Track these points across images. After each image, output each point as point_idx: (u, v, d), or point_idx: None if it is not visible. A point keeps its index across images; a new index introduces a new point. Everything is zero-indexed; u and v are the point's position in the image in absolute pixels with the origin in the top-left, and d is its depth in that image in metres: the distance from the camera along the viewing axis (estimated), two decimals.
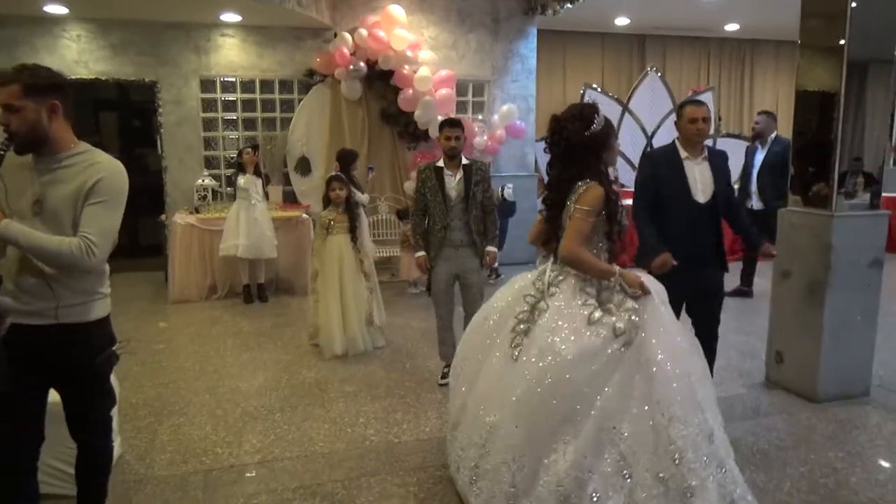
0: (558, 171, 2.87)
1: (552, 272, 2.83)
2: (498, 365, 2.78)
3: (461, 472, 2.89)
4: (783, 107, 12.19)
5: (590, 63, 11.37)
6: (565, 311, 2.67)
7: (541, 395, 2.55)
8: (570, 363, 2.53)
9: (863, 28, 4.04)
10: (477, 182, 4.34)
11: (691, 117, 3.56)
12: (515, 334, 2.74)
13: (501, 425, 2.64)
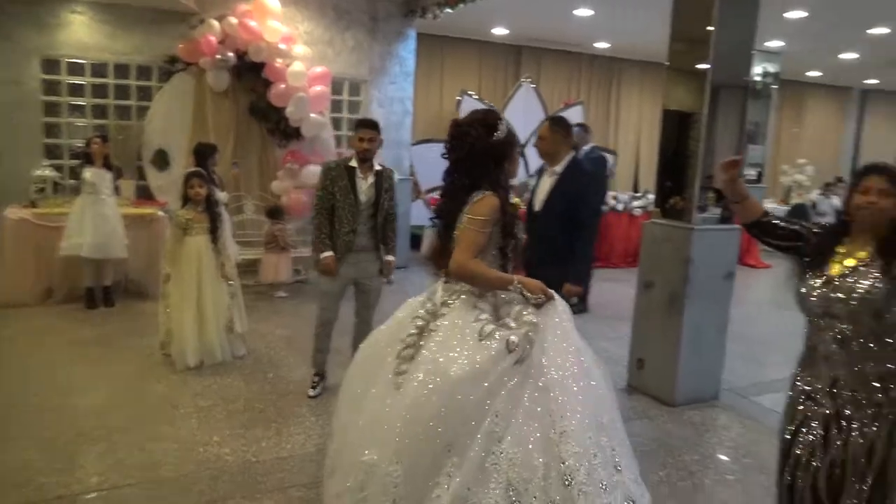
0: (456, 180, 2.62)
1: (445, 291, 2.55)
2: (379, 397, 2.42)
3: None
4: (646, 124, 12.93)
5: (468, 70, 11.47)
6: (457, 329, 2.39)
7: (425, 424, 2.22)
8: (458, 383, 2.24)
9: (722, 54, 4.27)
10: (386, 189, 4.23)
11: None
12: (400, 360, 2.41)
13: (380, 464, 2.26)
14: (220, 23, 6.87)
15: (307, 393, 4.30)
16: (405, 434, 2.24)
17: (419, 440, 2.22)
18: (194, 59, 6.99)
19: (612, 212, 9.16)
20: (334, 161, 4.38)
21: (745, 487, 3.36)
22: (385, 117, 8.30)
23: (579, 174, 3.93)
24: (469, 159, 2.58)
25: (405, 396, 2.30)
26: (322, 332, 4.34)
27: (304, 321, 5.97)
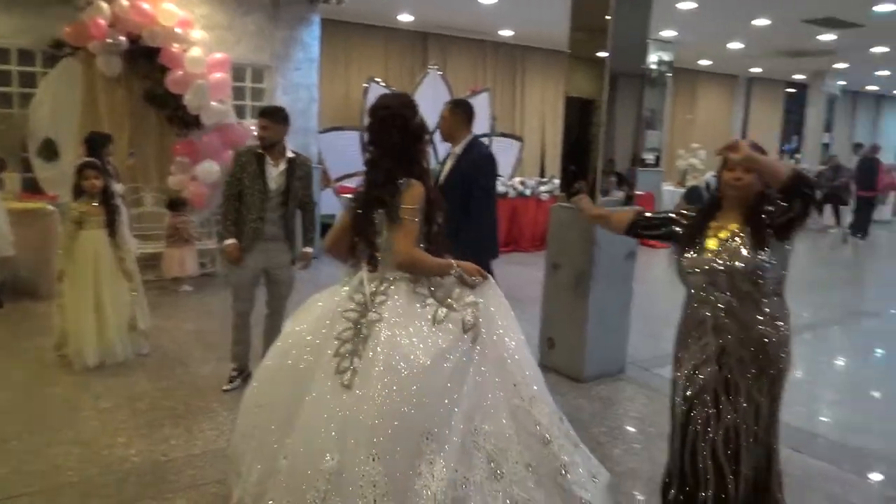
0: (387, 166, 2.50)
1: (373, 281, 2.47)
2: (321, 400, 2.29)
3: None
4: (550, 111, 13.25)
5: (374, 57, 11.38)
6: (405, 317, 2.36)
7: (400, 414, 2.19)
8: (428, 369, 2.24)
9: (619, 43, 4.44)
10: (299, 177, 4.15)
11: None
12: (341, 358, 2.32)
13: (348, 466, 2.16)
14: (109, 5, 6.50)
15: (221, 387, 4.18)
16: (380, 429, 2.16)
17: (397, 432, 2.18)
18: (82, 43, 6.59)
19: (520, 197, 9.36)
20: (245, 147, 4.32)
21: (650, 455, 3.55)
22: (290, 104, 8.10)
23: (476, 155, 4.02)
24: (400, 144, 2.51)
25: (367, 392, 2.21)
26: (239, 324, 4.25)
27: (212, 315, 5.83)
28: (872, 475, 3.45)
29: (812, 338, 6.02)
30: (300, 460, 2.23)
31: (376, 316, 2.36)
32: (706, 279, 2.38)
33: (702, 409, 2.42)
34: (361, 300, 2.42)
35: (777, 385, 2.41)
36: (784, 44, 11.80)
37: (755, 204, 2.36)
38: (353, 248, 2.57)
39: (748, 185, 2.35)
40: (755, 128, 17.99)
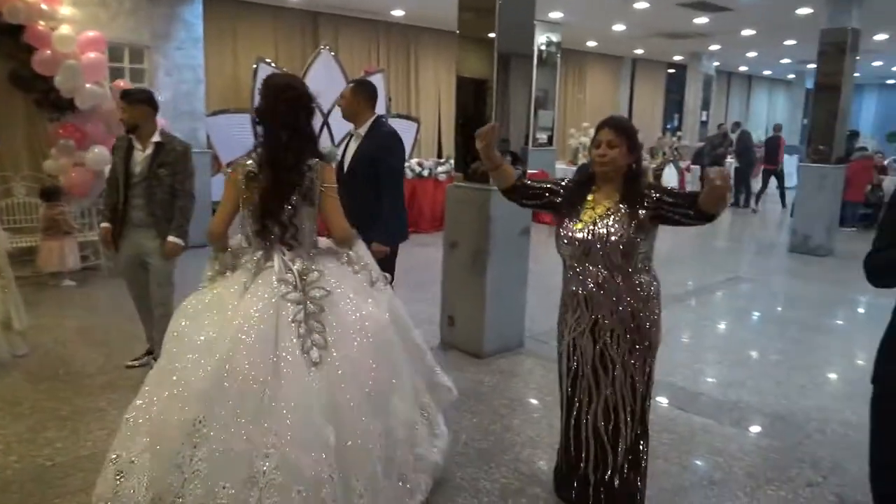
0: (298, 148, 2.51)
1: (296, 259, 2.50)
2: (297, 385, 2.26)
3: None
4: (445, 92, 13.31)
5: (262, 37, 11.00)
6: (349, 286, 2.54)
7: (380, 368, 2.46)
8: (389, 322, 2.59)
9: (507, 24, 4.51)
10: (166, 163, 3.99)
11: None
12: (303, 339, 2.34)
13: (348, 430, 2.28)
14: None
15: (125, 363, 4.26)
16: (372, 387, 2.42)
17: (378, 387, 2.44)
18: None
19: (418, 178, 9.38)
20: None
21: (549, 422, 3.68)
22: (174, 86, 7.76)
23: (380, 135, 3.98)
24: (306, 125, 2.56)
25: (338, 359, 2.36)
26: (136, 307, 4.33)
27: (97, 310, 5.52)
28: (749, 427, 3.74)
29: (696, 304, 6.42)
30: (298, 448, 2.18)
31: (323, 292, 2.44)
32: (580, 251, 2.46)
33: (582, 381, 2.52)
34: (293, 280, 2.43)
35: (649, 359, 2.51)
36: (662, 26, 12.38)
37: (628, 181, 2.45)
38: (264, 229, 2.52)
39: (613, 161, 2.44)
40: (640, 107, 18.84)
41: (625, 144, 2.45)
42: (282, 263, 2.47)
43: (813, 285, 7.14)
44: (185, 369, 2.33)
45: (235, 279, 2.52)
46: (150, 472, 2.26)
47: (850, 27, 8.42)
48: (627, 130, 2.49)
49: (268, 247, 2.53)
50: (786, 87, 23.21)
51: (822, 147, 8.76)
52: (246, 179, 2.53)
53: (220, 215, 2.63)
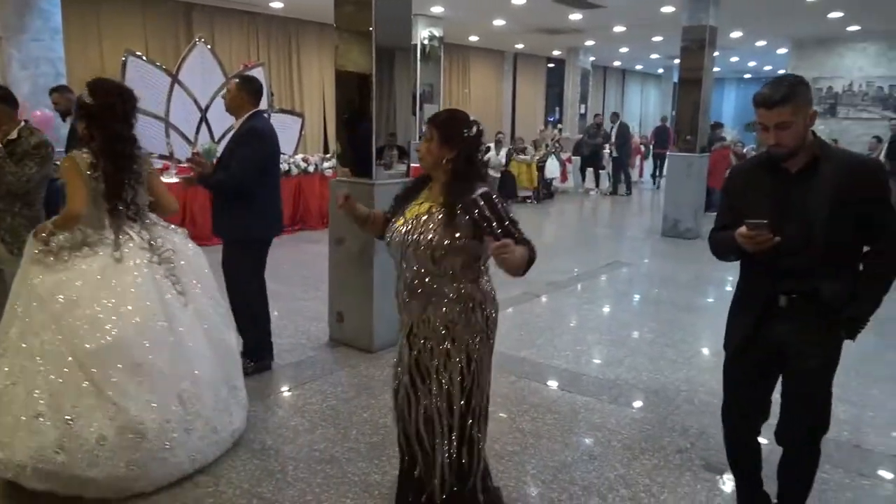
0: (131, 138, 3.11)
1: (142, 231, 3.09)
2: (186, 325, 3.04)
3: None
4: (329, 86, 13.13)
5: (130, 29, 10.43)
6: (181, 247, 3.24)
7: (214, 309, 3.33)
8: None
9: (385, 17, 4.51)
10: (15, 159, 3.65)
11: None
12: (174, 288, 3.05)
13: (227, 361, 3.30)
14: None
15: None
16: (224, 326, 3.38)
17: (228, 324, 3.50)
18: None
19: (304, 174, 9.22)
20: None
21: None
22: (32, 80, 7.23)
23: (244, 129, 3.98)
24: (133, 122, 3.17)
25: (200, 304, 3.17)
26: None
27: None
28: (626, 403, 3.97)
29: (581, 289, 6.71)
30: (207, 384, 3.03)
31: (170, 251, 3.12)
32: (398, 251, 2.29)
33: (402, 388, 2.35)
34: (147, 246, 3.04)
35: (469, 376, 2.28)
36: (540, 22, 12.81)
37: (452, 181, 2.27)
38: (112, 211, 3.00)
39: (426, 156, 2.29)
40: (523, 100, 19.40)
41: (436, 137, 2.28)
42: (138, 236, 3.05)
43: (684, 267, 7.64)
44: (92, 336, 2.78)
45: (102, 254, 2.94)
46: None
47: (708, 24, 9.05)
48: (441, 124, 2.31)
49: (117, 223, 3.01)
50: (656, 80, 24.62)
51: (688, 137, 9.38)
52: (88, 168, 2.94)
53: (80, 199, 2.93)
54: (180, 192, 7.93)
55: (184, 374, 2.92)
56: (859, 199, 2.17)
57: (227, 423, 3.13)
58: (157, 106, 9.03)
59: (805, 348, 2.28)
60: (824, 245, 2.18)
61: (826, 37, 14.02)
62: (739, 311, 2.45)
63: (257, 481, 2.98)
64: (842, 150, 2.40)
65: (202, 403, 2.96)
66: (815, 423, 2.37)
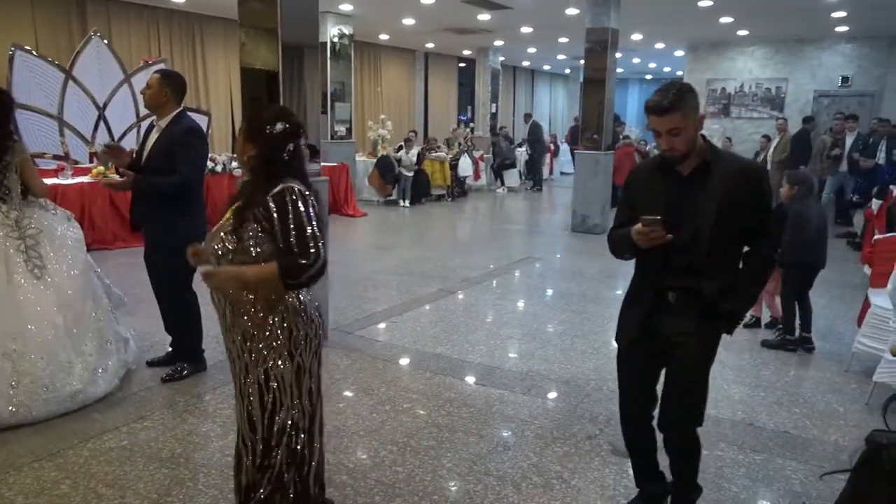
0: (3, 132, 3.52)
1: (11, 211, 3.59)
2: (29, 293, 3.51)
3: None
4: (236, 84, 12.75)
5: (18, 21, 9.77)
6: (49, 227, 3.73)
7: (82, 284, 3.82)
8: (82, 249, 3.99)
9: (290, 14, 4.45)
10: None
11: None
12: (27, 263, 3.55)
13: (80, 324, 3.74)
14: None
15: None
16: (78, 297, 3.74)
17: (85, 298, 3.79)
18: None
19: (212, 173, 8.94)
20: None
21: (354, 411, 3.74)
22: None
23: (179, 130, 3.82)
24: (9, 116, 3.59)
25: (58, 278, 3.65)
26: None
27: None
28: (539, 394, 4.08)
29: (496, 285, 6.83)
30: (40, 346, 3.46)
31: (36, 230, 3.63)
32: (211, 257, 2.20)
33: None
34: (12, 225, 3.56)
35: (269, 395, 2.17)
36: (450, 21, 12.92)
37: (250, 180, 2.21)
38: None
39: (238, 154, 2.22)
40: (435, 99, 19.51)
41: (243, 133, 2.21)
42: (3, 215, 3.55)
43: (592, 261, 7.92)
44: None
45: None
46: None
47: (609, 27, 9.40)
48: (248, 119, 2.29)
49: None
50: (564, 80, 25.31)
51: (594, 136, 9.71)
52: None
53: None
54: (82, 196, 7.53)
55: (14, 334, 3.40)
56: (745, 202, 2.32)
57: (66, 383, 3.51)
58: (48, 104, 8.54)
59: (686, 341, 2.42)
60: (710, 244, 2.32)
61: (719, 40, 14.84)
62: (631, 306, 2.57)
63: (166, 491, 2.88)
64: (730, 155, 2.54)
65: (30, 363, 3.40)
66: (689, 413, 2.50)
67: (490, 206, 13.19)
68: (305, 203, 2.09)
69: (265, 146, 2.14)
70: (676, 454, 2.58)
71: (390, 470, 3.11)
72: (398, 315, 5.59)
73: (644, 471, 2.77)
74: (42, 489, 2.87)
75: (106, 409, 3.66)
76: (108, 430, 3.41)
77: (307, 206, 2.09)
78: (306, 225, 2.06)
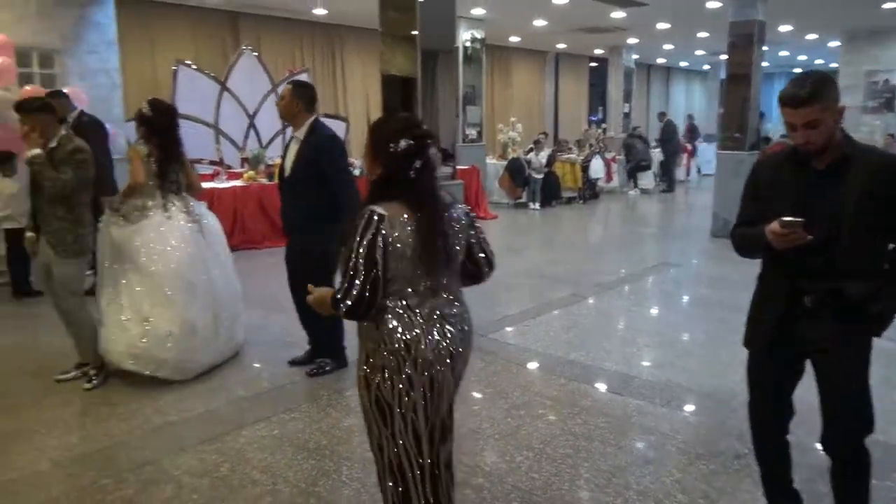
0: (179, 138, 4.37)
1: (181, 201, 4.35)
2: (218, 267, 4.46)
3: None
4: (373, 90, 13.25)
5: (181, 39, 10.71)
6: (206, 215, 4.57)
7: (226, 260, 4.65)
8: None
9: (429, 21, 4.55)
10: (57, 164, 3.83)
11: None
12: (206, 246, 4.42)
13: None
14: None
15: (54, 377, 4.14)
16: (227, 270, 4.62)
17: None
18: None
19: None
20: None
21: (489, 413, 3.75)
22: (88, 91, 7.45)
23: (319, 137, 3.97)
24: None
25: (218, 252, 4.53)
26: (63, 321, 4.17)
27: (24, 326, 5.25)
28: (680, 406, 3.90)
29: (629, 290, 6.63)
30: (226, 307, 4.40)
31: (199, 216, 4.39)
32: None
33: None
34: (185, 211, 4.27)
35: (374, 422, 2.05)
36: (582, 21, 12.70)
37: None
38: (162, 185, 4.19)
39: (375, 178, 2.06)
40: (565, 100, 19.26)
41: (368, 151, 2.10)
42: (181, 205, 4.26)
43: (735, 267, 7.43)
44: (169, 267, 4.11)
45: (155, 214, 4.15)
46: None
47: (756, 19, 8.84)
48: (370, 134, 2.12)
49: (164, 195, 4.19)
50: (701, 77, 24.15)
51: (737, 135, 9.18)
52: (145, 156, 4.11)
53: (141, 174, 4.10)
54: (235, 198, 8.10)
55: (214, 297, 4.25)
56: (887, 197, 2.13)
57: (239, 335, 4.54)
58: (206, 113, 9.27)
59: (833, 347, 2.23)
60: (850, 243, 2.14)
61: (880, 28, 13.55)
62: (761, 311, 2.41)
63: (313, 481, 3.03)
64: (870, 147, 2.34)
65: (220, 320, 4.27)
66: (856, 424, 2.29)
67: (622, 209, 12.82)
68: (364, 234, 1.90)
69: (389, 166, 1.98)
70: (844, 480, 2.37)
71: (526, 476, 3.08)
72: (530, 319, 5.56)
73: (776, 489, 2.57)
74: (205, 470, 3.11)
75: (258, 399, 3.91)
76: (260, 419, 3.64)
77: (364, 236, 1.89)
78: (351, 257, 1.90)
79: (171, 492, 2.94)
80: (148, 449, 3.32)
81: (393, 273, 1.93)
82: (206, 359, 4.19)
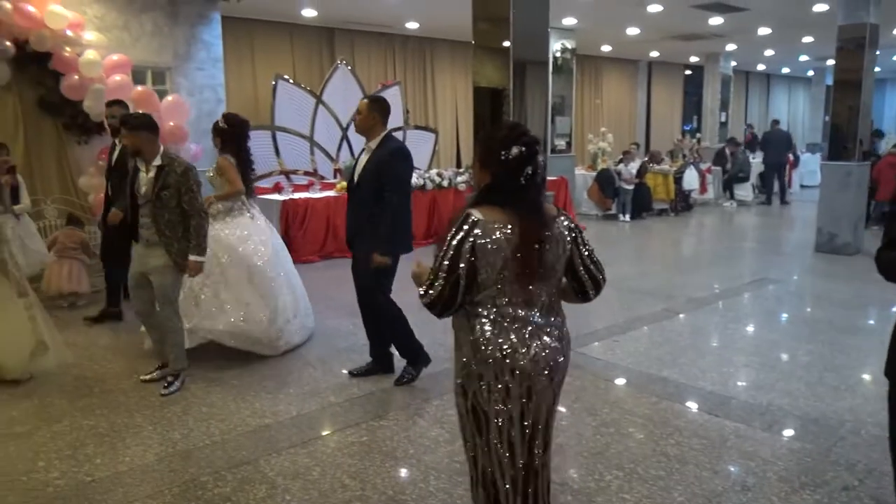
0: (246, 149, 4.93)
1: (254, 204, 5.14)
2: (289, 265, 5.22)
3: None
4: (462, 102, 13.38)
5: (280, 54, 11.18)
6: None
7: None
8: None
9: (521, 32, 4.55)
10: (167, 186, 4.02)
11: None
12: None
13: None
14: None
15: (140, 377, 4.39)
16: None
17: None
18: None
19: (438, 188, 9.43)
20: None
21: (577, 430, 3.68)
22: (196, 106, 7.91)
23: (386, 150, 4.06)
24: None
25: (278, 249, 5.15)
26: (142, 322, 4.55)
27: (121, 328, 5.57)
28: (781, 431, 3.70)
29: (723, 307, 6.37)
30: (300, 297, 5.12)
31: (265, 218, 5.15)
32: None
33: None
34: (259, 212, 5.07)
35: (468, 426, 2.09)
36: (677, 28, 12.36)
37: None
38: (247, 192, 4.90)
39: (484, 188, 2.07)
40: (658, 109, 18.77)
41: (477, 159, 2.12)
42: (257, 209, 5.02)
43: (841, 285, 7.05)
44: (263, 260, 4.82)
45: (244, 219, 4.84)
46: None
47: (868, 22, 8.33)
48: (480, 142, 2.18)
49: (248, 198, 4.90)
50: (805, 84, 22.98)
51: (846, 145, 8.66)
52: (234, 165, 4.70)
53: (238, 182, 4.70)
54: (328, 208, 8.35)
55: (291, 287, 4.94)
56: None
57: (309, 321, 5.17)
58: (302, 126, 9.61)
59: None
60: None
61: None
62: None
63: (401, 489, 3.06)
64: None
65: (297, 306, 4.98)
66: None
67: (717, 222, 12.33)
68: (455, 234, 1.92)
69: (500, 174, 1.98)
70: None
71: (616, 496, 3.01)
72: (619, 334, 5.43)
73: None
74: (297, 473, 3.21)
75: (348, 406, 4.00)
76: (350, 425, 3.73)
77: (455, 237, 1.92)
78: (437, 256, 1.94)
79: (265, 492, 3.05)
80: (244, 449, 3.46)
81: (484, 278, 1.95)
82: (293, 338, 4.86)
